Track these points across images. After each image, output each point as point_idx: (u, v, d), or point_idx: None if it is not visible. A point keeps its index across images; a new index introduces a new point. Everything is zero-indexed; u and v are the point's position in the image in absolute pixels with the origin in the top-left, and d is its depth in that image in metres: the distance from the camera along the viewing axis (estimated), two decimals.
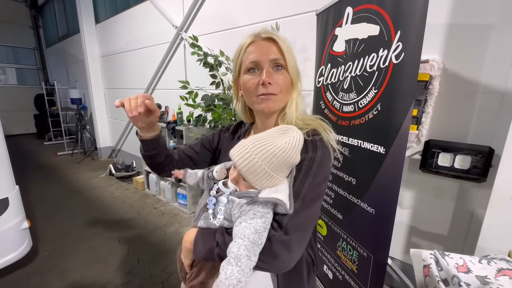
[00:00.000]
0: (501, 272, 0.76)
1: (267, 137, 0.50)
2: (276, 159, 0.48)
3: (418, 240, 1.62)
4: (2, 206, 1.58)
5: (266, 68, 0.58)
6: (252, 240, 0.44)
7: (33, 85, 7.41)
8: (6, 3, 6.80)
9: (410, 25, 0.99)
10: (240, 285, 0.41)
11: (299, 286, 0.62)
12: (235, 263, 0.43)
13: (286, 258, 0.48)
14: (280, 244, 0.48)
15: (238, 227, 0.47)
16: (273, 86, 0.59)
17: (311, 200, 0.53)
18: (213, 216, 0.54)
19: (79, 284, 1.78)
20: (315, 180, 0.53)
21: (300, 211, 0.51)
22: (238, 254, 0.43)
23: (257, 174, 0.49)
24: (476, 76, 1.30)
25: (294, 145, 0.50)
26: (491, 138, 1.27)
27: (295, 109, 0.63)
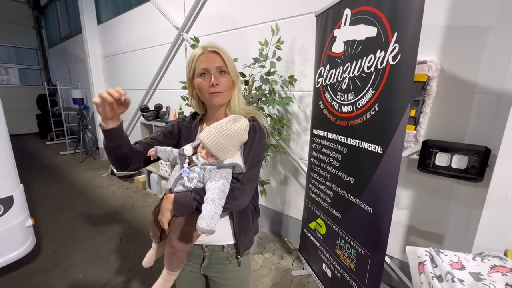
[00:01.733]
0: (494, 269, 0.77)
1: (225, 124, 0.71)
2: (233, 139, 0.70)
3: (416, 239, 1.64)
4: (7, 204, 1.61)
5: (213, 73, 0.77)
6: (221, 189, 0.67)
7: (35, 85, 7.47)
8: (9, 4, 6.86)
9: (406, 27, 1.01)
10: (215, 215, 0.63)
11: (247, 226, 0.86)
12: (212, 203, 0.64)
13: (243, 199, 0.74)
14: (238, 191, 0.72)
15: (210, 184, 0.68)
16: (220, 86, 0.77)
17: (255, 164, 0.77)
18: (189, 181, 0.72)
19: (81, 282, 1.80)
20: (256, 151, 0.77)
21: (249, 170, 0.75)
22: (213, 198, 0.65)
23: (221, 149, 0.69)
24: (473, 77, 1.32)
25: (244, 128, 0.72)
26: (488, 138, 1.28)
27: (238, 102, 0.83)
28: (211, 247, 0.86)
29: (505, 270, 0.76)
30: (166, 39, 3.12)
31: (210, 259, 0.86)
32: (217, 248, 0.85)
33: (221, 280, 0.88)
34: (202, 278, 0.93)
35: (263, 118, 0.83)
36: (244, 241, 0.86)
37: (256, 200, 0.92)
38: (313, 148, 1.74)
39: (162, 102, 3.44)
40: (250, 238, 0.89)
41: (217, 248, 0.85)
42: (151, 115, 3.25)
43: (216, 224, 0.63)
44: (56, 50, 6.84)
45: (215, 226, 0.63)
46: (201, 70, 0.77)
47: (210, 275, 0.89)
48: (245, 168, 0.74)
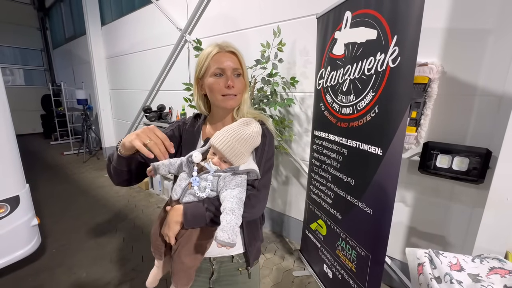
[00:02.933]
0: (493, 271, 0.78)
1: (237, 128, 0.67)
2: (247, 143, 0.66)
3: (417, 240, 1.64)
4: (14, 203, 1.65)
5: (229, 75, 0.74)
6: (239, 198, 0.63)
7: (40, 85, 7.56)
8: (15, 5, 6.95)
9: (406, 30, 1.02)
10: (236, 226, 0.58)
11: (257, 234, 0.84)
12: (231, 213, 0.59)
13: (259, 207, 0.72)
14: (255, 198, 0.71)
15: (225, 192, 0.64)
16: (235, 88, 0.75)
17: (267, 169, 0.76)
18: (200, 190, 0.67)
19: (85, 280, 1.83)
20: (267, 155, 0.76)
21: (263, 176, 0.73)
22: (232, 207, 0.60)
23: (235, 154, 0.65)
24: (474, 79, 1.32)
25: (258, 132, 0.69)
26: (489, 140, 1.28)
27: (246, 105, 0.81)
28: (219, 259, 0.82)
29: (504, 272, 0.76)
30: (169, 41, 3.15)
31: (219, 272, 0.83)
32: (226, 260, 0.82)
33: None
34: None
35: (270, 122, 0.81)
36: (253, 250, 0.83)
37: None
38: (314, 150, 1.75)
39: (165, 103, 3.46)
40: (258, 247, 0.87)
41: (226, 259, 0.82)
42: (154, 115, 3.27)
43: (237, 235, 0.58)
44: (60, 51, 6.92)
45: (236, 238, 0.57)
46: (217, 69, 0.73)
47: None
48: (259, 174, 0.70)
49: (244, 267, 0.84)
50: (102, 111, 4.88)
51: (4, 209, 1.62)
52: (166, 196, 3.28)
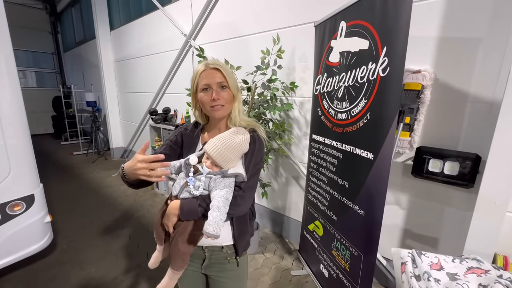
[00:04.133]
0: (470, 270, 0.83)
1: (228, 136, 0.78)
2: (235, 150, 0.77)
3: (412, 242, 1.68)
4: (29, 201, 1.76)
5: (214, 88, 0.84)
6: (225, 197, 0.74)
7: (51, 87, 7.81)
8: (28, 10, 7.21)
9: (395, 42, 1.08)
10: (221, 222, 0.70)
11: (245, 229, 0.93)
12: (217, 210, 0.71)
13: (244, 206, 0.81)
14: (241, 198, 0.80)
15: (215, 192, 0.75)
16: (220, 100, 0.84)
17: (254, 172, 0.85)
18: (194, 189, 0.78)
19: (94, 275, 1.93)
20: (255, 160, 0.85)
21: (249, 179, 0.82)
22: (219, 205, 0.71)
23: (225, 160, 0.77)
24: (466, 86, 1.36)
25: (245, 140, 0.80)
26: (479, 146, 1.32)
27: (238, 113, 0.90)
28: (211, 248, 0.92)
29: (480, 271, 0.81)
30: (174, 46, 3.26)
31: (210, 259, 0.93)
32: (216, 249, 0.92)
33: (220, 278, 0.95)
34: (202, 277, 0.99)
35: (261, 129, 0.90)
36: (242, 243, 0.92)
37: (253, 204, 0.99)
38: (312, 153, 1.81)
39: (170, 105, 3.57)
40: (248, 239, 0.96)
41: (217, 248, 0.92)
42: (160, 118, 3.38)
43: (221, 229, 0.70)
44: (71, 54, 7.14)
45: (220, 231, 0.69)
46: (203, 85, 0.84)
47: (210, 274, 0.95)
48: (246, 177, 0.80)
49: (233, 257, 0.93)
50: (110, 112, 5.03)
51: (21, 207, 1.73)
52: None
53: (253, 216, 0.99)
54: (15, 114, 1.67)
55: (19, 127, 1.70)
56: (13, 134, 1.65)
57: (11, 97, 1.64)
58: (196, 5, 2.82)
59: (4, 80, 1.60)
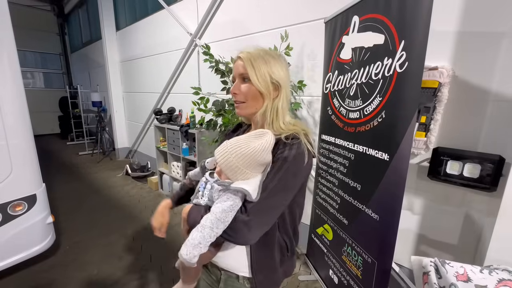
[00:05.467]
0: (501, 283, 0.76)
1: (244, 139, 0.63)
2: (247, 158, 0.60)
3: (427, 248, 1.59)
4: (31, 201, 1.74)
5: (236, 81, 0.72)
6: (217, 217, 0.59)
7: (58, 88, 7.90)
8: (36, 12, 7.32)
9: (414, 35, 1.01)
10: (199, 246, 0.57)
11: (270, 263, 0.73)
12: (200, 230, 0.59)
13: (245, 234, 0.61)
14: (241, 223, 0.61)
15: (214, 206, 0.61)
16: (239, 95, 0.71)
17: (276, 191, 0.63)
18: (202, 196, 0.68)
19: (96, 277, 1.89)
20: (284, 175, 0.63)
21: (263, 200, 0.62)
22: (204, 224, 0.59)
23: (231, 169, 0.61)
24: (487, 84, 1.28)
25: (265, 148, 0.61)
26: (502, 147, 1.24)
27: (271, 114, 0.71)
28: (226, 273, 0.78)
29: None
30: (180, 45, 3.23)
31: (226, 284, 0.78)
32: (232, 276, 0.77)
33: None
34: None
35: (307, 137, 0.69)
36: (263, 281, 0.73)
37: (290, 233, 0.76)
38: (321, 154, 1.74)
39: (175, 105, 3.54)
40: (274, 279, 0.75)
41: (233, 275, 0.77)
42: (164, 118, 3.35)
43: (196, 256, 0.57)
44: (77, 55, 7.21)
45: (195, 258, 0.57)
46: (232, 78, 0.74)
47: None
48: (258, 196, 0.61)
49: None
50: (116, 113, 5.04)
51: (22, 207, 1.70)
52: None
53: (287, 250, 0.77)
54: (17, 114, 1.65)
55: (21, 127, 1.68)
56: (15, 134, 1.63)
57: (14, 97, 1.62)
58: (202, 4, 2.79)
59: (7, 80, 1.58)
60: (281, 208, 0.67)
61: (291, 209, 0.73)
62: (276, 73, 0.69)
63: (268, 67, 0.68)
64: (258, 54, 0.69)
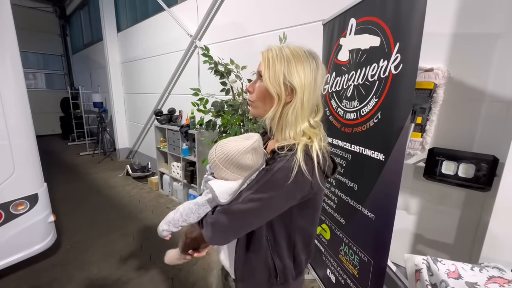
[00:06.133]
0: (491, 280, 0.77)
1: (229, 140, 0.65)
2: (224, 157, 0.61)
3: (423, 248, 1.61)
4: (33, 201, 1.76)
5: (255, 79, 0.67)
6: (190, 207, 0.65)
7: (59, 89, 7.94)
8: (38, 14, 7.37)
9: (408, 38, 1.03)
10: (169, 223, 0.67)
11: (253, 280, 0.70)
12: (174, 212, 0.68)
13: (208, 233, 0.62)
14: (206, 221, 0.64)
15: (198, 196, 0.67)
16: (252, 94, 0.67)
17: (249, 201, 0.58)
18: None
19: (97, 276, 1.91)
20: (262, 187, 0.57)
21: (233, 205, 0.59)
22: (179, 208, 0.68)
23: (214, 165, 0.64)
24: (482, 85, 1.30)
25: (246, 151, 0.60)
26: (496, 147, 1.26)
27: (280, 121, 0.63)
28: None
29: (503, 281, 0.76)
30: (180, 46, 3.26)
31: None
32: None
33: None
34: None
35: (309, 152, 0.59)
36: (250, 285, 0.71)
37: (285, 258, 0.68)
38: None
39: (175, 106, 3.57)
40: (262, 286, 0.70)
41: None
42: (165, 119, 3.38)
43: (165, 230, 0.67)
44: (79, 56, 7.26)
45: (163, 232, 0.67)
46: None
47: None
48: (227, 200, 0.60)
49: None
50: (117, 113, 5.07)
51: (24, 206, 1.73)
52: (175, 197, 3.36)
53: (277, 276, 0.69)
54: (20, 114, 1.68)
55: (24, 127, 1.70)
56: (17, 134, 1.65)
57: (16, 98, 1.65)
58: (202, 6, 2.82)
59: (10, 81, 1.60)
60: (252, 221, 0.60)
61: (288, 232, 0.66)
62: (294, 74, 0.59)
63: (285, 67, 0.59)
64: (282, 51, 0.61)
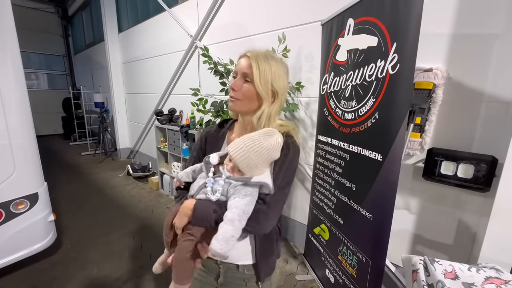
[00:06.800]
0: (488, 280, 0.77)
1: (257, 138, 0.67)
2: (263, 155, 0.65)
3: (422, 248, 1.61)
4: (33, 200, 1.77)
5: (238, 77, 0.74)
6: (242, 210, 0.62)
7: (61, 89, 7.98)
8: (41, 14, 7.42)
9: (405, 38, 1.03)
10: (232, 239, 0.59)
11: (270, 249, 0.82)
12: (230, 224, 0.60)
13: (266, 224, 0.68)
14: (263, 214, 0.66)
15: (233, 201, 0.64)
16: (237, 92, 0.73)
17: (283, 186, 0.71)
18: (212, 192, 0.68)
19: (97, 275, 1.92)
20: (287, 172, 0.71)
21: (277, 192, 0.69)
22: (232, 218, 0.60)
23: (249, 165, 0.65)
24: (481, 85, 1.30)
25: (278, 145, 0.68)
26: (495, 148, 1.25)
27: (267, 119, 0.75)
28: (225, 265, 0.81)
29: (500, 282, 0.75)
30: (180, 47, 3.27)
31: (226, 276, 0.82)
32: (231, 267, 0.81)
33: None
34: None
35: (298, 135, 0.78)
36: (265, 266, 0.80)
37: (281, 220, 0.85)
38: (318, 154, 1.76)
39: (176, 106, 3.58)
40: (272, 262, 0.84)
41: (232, 266, 0.81)
42: (165, 119, 3.39)
43: (230, 249, 0.59)
44: (81, 56, 7.29)
45: (228, 251, 0.58)
46: (233, 73, 0.77)
47: None
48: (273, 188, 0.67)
49: (254, 281, 0.81)
50: (118, 113, 5.09)
51: (24, 205, 1.74)
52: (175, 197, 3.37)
53: (279, 234, 0.87)
54: (20, 114, 1.69)
55: (24, 127, 1.71)
56: (18, 134, 1.66)
57: (17, 98, 1.66)
58: (202, 6, 2.83)
59: (10, 81, 1.61)
60: (287, 198, 0.75)
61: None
62: (278, 81, 0.73)
63: (271, 74, 0.71)
64: (266, 58, 0.72)
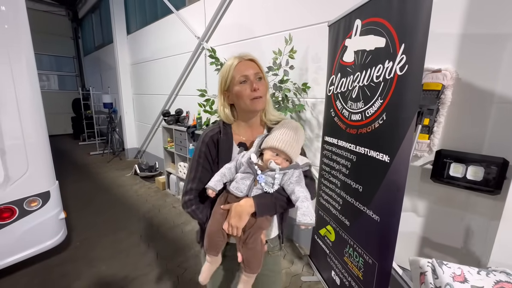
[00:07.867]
0: (498, 284, 0.76)
1: (290, 129, 0.80)
2: (301, 141, 0.82)
3: (430, 251, 1.58)
4: (45, 198, 1.82)
5: (252, 79, 0.80)
6: (305, 188, 0.79)
7: (71, 90, 8.17)
8: (52, 17, 7.62)
9: (413, 39, 1.02)
10: (312, 210, 0.74)
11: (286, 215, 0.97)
12: (306, 200, 0.76)
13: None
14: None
15: (294, 184, 0.78)
16: (260, 91, 0.81)
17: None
18: (268, 186, 0.78)
19: (105, 273, 1.96)
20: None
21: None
22: (306, 196, 0.77)
23: (295, 153, 0.80)
24: (491, 86, 1.28)
25: (303, 131, 0.85)
26: (506, 150, 1.23)
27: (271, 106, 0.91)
28: None
29: (510, 286, 0.74)
30: (188, 48, 3.31)
31: None
32: None
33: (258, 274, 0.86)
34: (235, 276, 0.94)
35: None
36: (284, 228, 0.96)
37: None
38: (324, 155, 1.76)
39: (182, 107, 3.62)
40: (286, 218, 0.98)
41: None
42: (172, 119, 3.43)
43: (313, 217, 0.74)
44: (90, 58, 7.44)
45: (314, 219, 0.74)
46: (242, 77, 0.80)
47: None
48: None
49: (277, 249, 0.96)
50: (126, 114, 5.17)
51: (37, 203, 1.79)
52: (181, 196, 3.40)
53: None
54: (34, 114, 1.74)
55: (38, 127, 1.77)
56: (32, 134, 1.71)
57: (31, 99, 1.71)
58: (210, 8, 2.86)
59: (25, 82, 1.67)
60: None
61: None
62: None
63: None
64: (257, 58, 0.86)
